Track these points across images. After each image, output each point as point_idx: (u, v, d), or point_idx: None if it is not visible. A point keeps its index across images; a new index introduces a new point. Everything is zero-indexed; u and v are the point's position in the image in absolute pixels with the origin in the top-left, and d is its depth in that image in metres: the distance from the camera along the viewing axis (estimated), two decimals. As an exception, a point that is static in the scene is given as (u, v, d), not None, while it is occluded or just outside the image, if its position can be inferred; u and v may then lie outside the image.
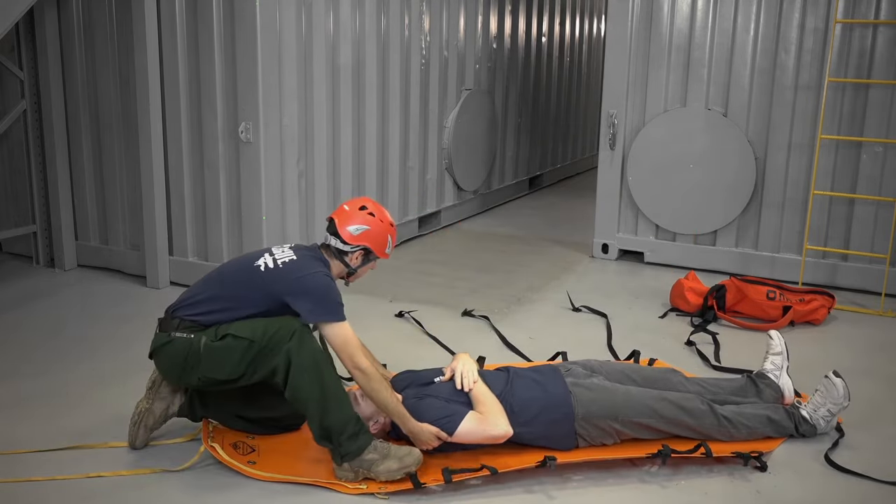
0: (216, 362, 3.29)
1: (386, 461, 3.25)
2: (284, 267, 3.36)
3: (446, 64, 7.34)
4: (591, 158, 10.86)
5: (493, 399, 3.41)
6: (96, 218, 6.11)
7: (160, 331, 3.44)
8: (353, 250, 3.50)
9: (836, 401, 3.65)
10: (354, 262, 3.53)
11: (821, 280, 5.93)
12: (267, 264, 3.38)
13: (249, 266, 3.42)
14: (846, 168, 5.81)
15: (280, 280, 3.34)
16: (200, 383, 3.38)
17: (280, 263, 3.38)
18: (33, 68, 5.87)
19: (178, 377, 3.42)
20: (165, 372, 3.48)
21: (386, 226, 3.55)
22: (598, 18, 10.94)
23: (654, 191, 6.40)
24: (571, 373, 3.66)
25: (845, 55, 5.70)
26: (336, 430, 3.22)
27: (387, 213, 3.60)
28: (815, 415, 3.66)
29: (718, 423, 3.54)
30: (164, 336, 3.40)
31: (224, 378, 3.33)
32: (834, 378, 3.65)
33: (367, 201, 3.61)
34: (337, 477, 3.29)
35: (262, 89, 5.30)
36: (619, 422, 3.47)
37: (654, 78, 6.31)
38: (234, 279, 3.46)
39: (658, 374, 3.81)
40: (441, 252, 6.85)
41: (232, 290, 3.41)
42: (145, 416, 3.51)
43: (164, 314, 3.49)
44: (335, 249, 3.51)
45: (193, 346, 3.31)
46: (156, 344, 3.43)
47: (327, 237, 3.54)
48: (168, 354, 3.38)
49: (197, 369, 3.32)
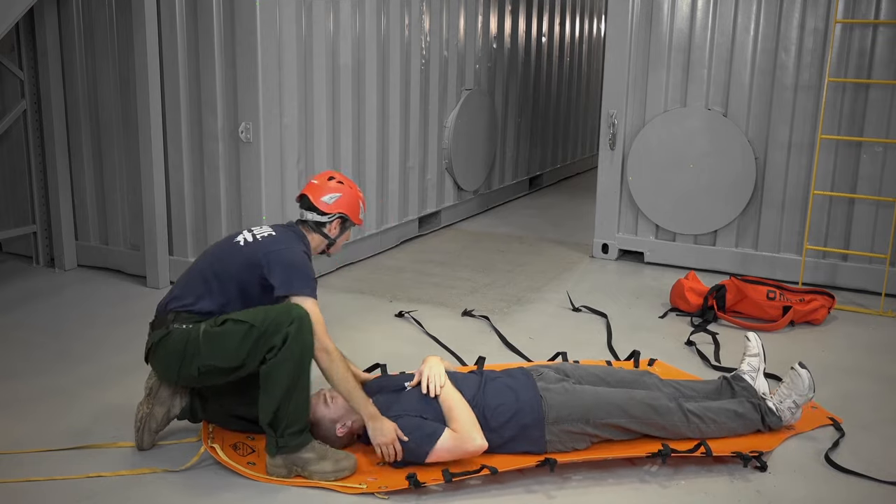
0: (216, 348, 3.28)
1: (322, 462, 3.27)
2: (263, 241, 3.46)
3: (446, 64, 7.34)
4: (591, 158, 10.87)
5: (466, 410, 3.38)
6: (96, 218, 6.11)
7: (153, 330, 3.45)
8: (331, 219, 3.61)
9: (802, 392, 3.65)
10: (333, 231, 3.64)
11: (821, 280, 5.93)
12: (246, 239, 3.48)
13: (229, 243, 3.52)
14: (846, 168, 5.81)
15: (257, 252, 3.41)
16: (201, 376, 3.35)
17: (259, 238, 3.48)
18: (33, 68, 5.87)
19: (178, 371, 3.38)
20: (164, 368, 3.43)
21: (356, 192, 3.69)
22: (598, 18, 10.94)
23: (654, 191, 6.40)
24: (543, 377, 3.65)
25: (845, 55, 5.70)
26: (285, 423, 3.23)
27: (351, 181, 3.72)
28: (781, 405, 3.66)
29: (687, 420, 3.54)
30: (160, 331, 3.39)
31: (225, 365, 3.30)
32: (800, 370, 3.65)
33: (333, 173, 3.73)
34: (268, 472, 3.30)
35: (262, 89, 5.30)
36: (591, 424, 3.47)
37: (654, 78, 6.32)
38: (215, 257, 3.53)
39: (632, 377, 3.80)
40: (441, 252, 6.85)
41: (214, 267, 3.46)
42: (147, 420, 3.50)
43: (154, 316, 3.50)
44: (312, 223, 3.62)
45: (192, 335, 3.32)
46: (153, 340, 3.43)
47: (302, 213, 3.64)
48: (167, 348, 3.37)
49: (197, 357, 3.30)
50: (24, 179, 6.10)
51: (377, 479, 3.29)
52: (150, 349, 3.46)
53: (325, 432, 3.43)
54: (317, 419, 3.41)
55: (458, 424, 3.32)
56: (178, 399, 3.55)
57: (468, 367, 4.29)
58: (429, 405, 3.42)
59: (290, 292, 3.33)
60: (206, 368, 3.33)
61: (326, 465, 3.28)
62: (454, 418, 3.35)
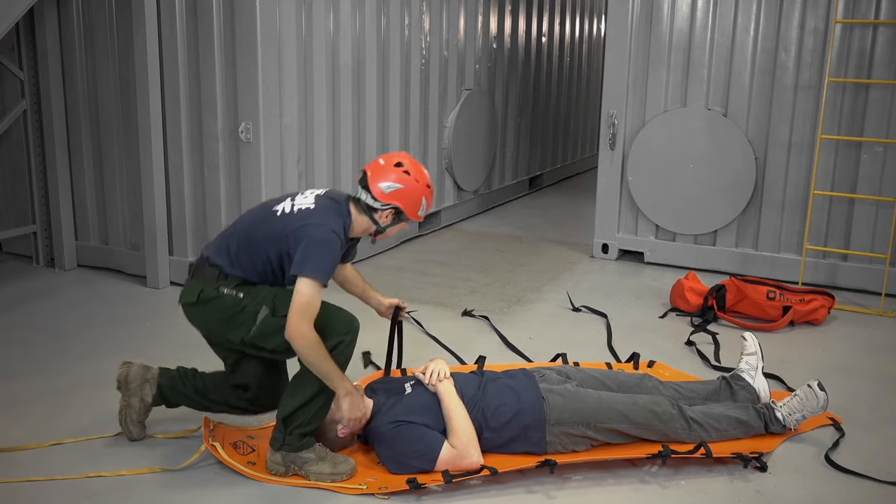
0: (270, 335, 3.23)
1: (320, 463, 3.27)
2: (298, 213, 3.26)
3: (446, 64, 7.34)
4: (591, 158, 10.86)
5: (466, 422, 3.35)
6: (96, 218, 6.11)
7: (194, 278, 3.38)
8: (384, 208, 3.31)
9: (813, 410, 3.64)
10: (384, 220, 3.35)
11: (821, 280, 5.93)
12: (284, 209, 3.29)
13: (268, 209, 3.35)
14: (846, 168, 5.81)
15: (288, 226, 3.23)
16: (241, 345, 3.32)
17: (296, 210, 3.27)
18: (33, 68, 5.87)
19: (219, 331, 3.34)
20: (204, 323, 3.37)
21: (421, 186, 3.34)
22: (598, 18, 10.94)
23: (654, 191, 6.40)
24: (545, 378, 3.64)
25: (845, 55, 5.70)
26: (298, 422, 3.24)
27: (425, 173, 3.38)
28: (789, 418, 3.65)
29: (688, 428, 3.52)
30: (210, 290, 3.30)
31: (270, 348, 3.27)
32: (818, 391, 3.62)
33: (405, 157, 3.38)
34: (267, 468, 3.33)
35: (262, 89, 5.30)
36: (592, 428, 3.46)
37: (654, 78, 6.31)
38: (252, 220, 3.38)
39: (632, 380, 3.79)
40: (441, 252, 6.85)
41: (248, 232, 3.34)
42: (126, 412, 3.55)
43: (198, 257, 3.44)
44: (364, 205, 3.33)
45: (248, 311, 3.25)
46: (200, 296, 3.31)
47: (359, 190, 3.36)
48: (216, 307, 3.29)
49: (246, 332, 3.26)
50: (24, 179, 6.10)
51: (377, 480, 3.29)
52: (192, 302, 3.35)
53: (325, 433, 3.42)
54: None
55: (457, 440, 3.31)
56: (147, 387, 3.55)
57: (468, 367, 4.30)
58: (429, 411, 3.40)
59: (298, 273, 3.13)
60: (251, 343, 3.29)
61: (325, 467, 3.28)
62: (454, 431, 3.33)
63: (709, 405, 3.68)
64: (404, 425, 3.34)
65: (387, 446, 3.35)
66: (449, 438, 3.32)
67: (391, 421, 3.36)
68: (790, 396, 3.70)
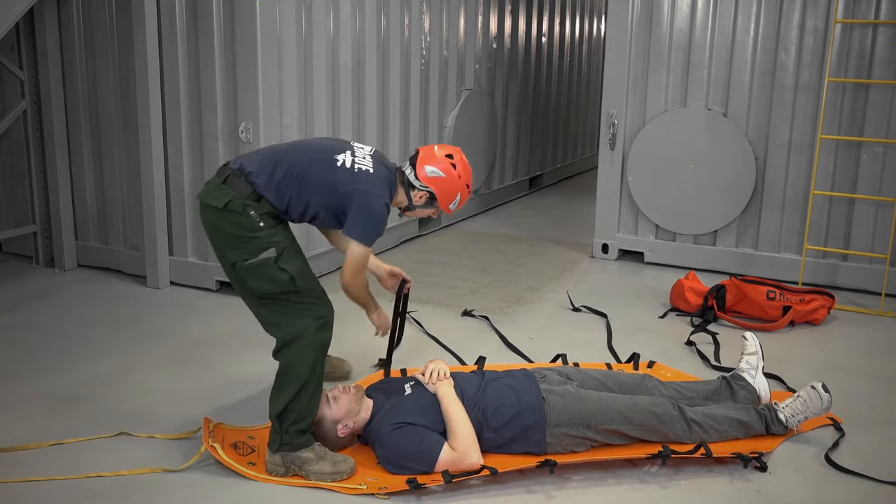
0: (260, 278, 3.33)
1: (320, 463, 3.31)
2: (359, 174, 3.40)
3: (446, 64, 7.34)
4: (591, 158, 10.86)
5: (466, 425, 3.35)
6: (96, 218, 6.11)
7: (225, 183, 3.36)
8: (422, 189, 3.54)
9: (816, 411, 3.64)
10: (417, 200, 3.58)
11: (821, 280, 5.93)
12: (345, 162, 3.41)
13: (329, 156, 3.43)
14: (846, 168, 5.81)
15: (348, 183, 3.37)
16: (231, 267, 3.39)
17: (356, 169, 3.41)
18: (33, 68, 5.87)
19: (222, 242, 3.40)
20: (215, 227, 3.39)
21: (461, 183, 3.56)
22: (598, 18, 10.94)
23: (654, 191, 6.40)
24: (546, 379, 3.64)
25: (845, 55, 5.70)
26: (291, 418, 3.29)
27: (469, 173, 3.60)
28: (792, 420, 3.65)
29: (689, 429, 3.52)
30: (238, 204, 3.32)
31: (250, 287, 3.37)
32: (822, 392, 3.61)
33: (458, 153, 3.61)
34: (267, 470, 3.34)
35: (262, 89, 5.30)
36: (592, 429, 3.46)
37: (654, 78, 6.31)
38: (311, 158, 3.43)
39: (633, 381, 3.79)
40: (441, 252, 6.85)
41: (305, 167, 3.39)
42: None
43: (233, 164, 3.42)
44: (407, 180, 3.55)
45: (258, 243, 3.31)
46: (229, 206, 3.32)
47: (405, 164, 3.59)
48: (234, 222, 3.33)
49: (243, 258, 3.33)
50: (24, 179, 6.10)
51: (377, 480, 3.29)
52: (218, 207, 3.35)
53: (326, 432, 3.43)
54: (318, 419, 3.41)
55: (457, 442, 3.31)
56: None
57: (469, 367, 4.30)
58: (429, 412, 3.40)
59: (350, 235, 3.38)
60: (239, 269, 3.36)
61: (325, 466, 3.30)
62: (453, 433, 3.33)
63: (710, 406, 3.68)
64: (404, 427, 3.34)
65: (386, 448, 3.35)
66: (449, 440, 3.32)
67: (391, 423, 3.36)
68: (793, 398, 3.70)
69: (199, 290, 5.65)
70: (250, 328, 4.79)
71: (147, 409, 3.93)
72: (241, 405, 3.96)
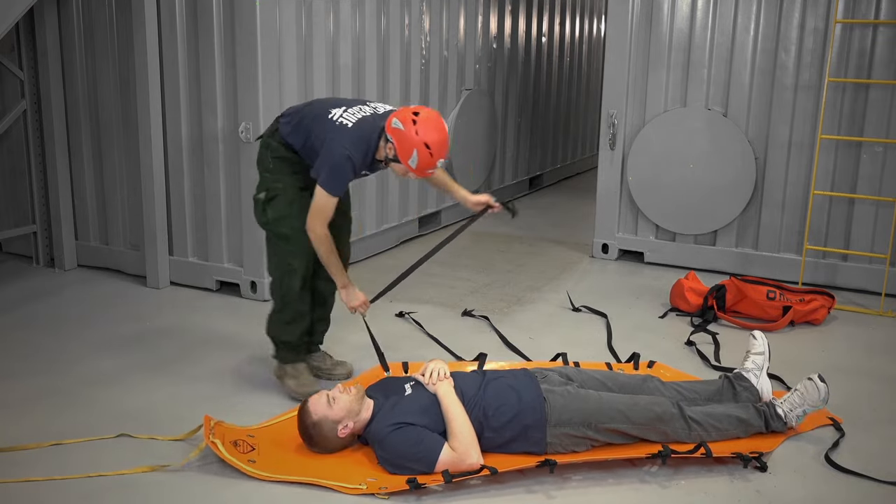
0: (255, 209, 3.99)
1: (290, 380, 4.02)
2: (337, 126, 3.71)
3: (446, 64, 7.34)
4: (591, 158, 10.86)
5: (466, 425, 3.35)
6: (96, 218, 6.11)
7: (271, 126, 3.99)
8: (387, 141, 3.69)
9: (814, 403, 3.63)
10: (387, 151, 3.72)
11: (821, 280, 5.93)
12: (333, 116, 3.75)
13: (327, 111, 3.79)
14: (846, 168, 5.81)
15: (325, 133, 3.71)
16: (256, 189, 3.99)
17: (338, 122, 3.72)
18: (33, 68, 5.87)
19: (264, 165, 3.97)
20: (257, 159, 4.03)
21: (418, 140, 3.61)
22: (598, 18, 10.94)
23: (654, 191, 6.40)
24: (547, 379, 3.64)
25: (845, 55, 5.70)
26: (271, 335, 4.09)
27: (431, 133, 3.63)
28: (791, 414, 3.64)
29: (689, 428, 3.52)
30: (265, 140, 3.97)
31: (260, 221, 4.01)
32: (818, 382, 3.61)
33: (430, 114, 3.71)
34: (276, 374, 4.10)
35: (262, 89, 5.30)
36: (593, 428, 3.46)
37: (654, 78, 6.31)
38: (315, 115, 3.83)
39: (633, 381, 3.79)
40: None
41: (309, 121, 3.82)
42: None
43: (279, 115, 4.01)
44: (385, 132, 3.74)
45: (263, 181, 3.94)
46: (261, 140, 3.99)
47: None
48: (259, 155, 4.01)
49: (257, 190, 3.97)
50: (24, 179, 6.10)
51: (377, 480, 3.29)
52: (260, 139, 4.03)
53: (326, 432, 3.43)
54: (318, 420, 3.41)
55: (457, 442, 3.31)
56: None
57: (468, 363, 4.30)
58: (429, 412, 3.40)
59: (316, 180, 3.71)
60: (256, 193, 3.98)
61: (290, 383, 4.01)
62: (453, 433, 3.33)
63: (710, 405, 3.68)
64: (404, 427, 3.34)
65: (386, 449, 3.35)
66: (449, 440, 3.32)
67: (391, 423, 3.36)
68: (790, 392, 3.70)
69: (199, 290, 5.65)
70: (250, 328, 4.80)
71: (147, 409, 3.93)
72: (241, 405, 3.97)
